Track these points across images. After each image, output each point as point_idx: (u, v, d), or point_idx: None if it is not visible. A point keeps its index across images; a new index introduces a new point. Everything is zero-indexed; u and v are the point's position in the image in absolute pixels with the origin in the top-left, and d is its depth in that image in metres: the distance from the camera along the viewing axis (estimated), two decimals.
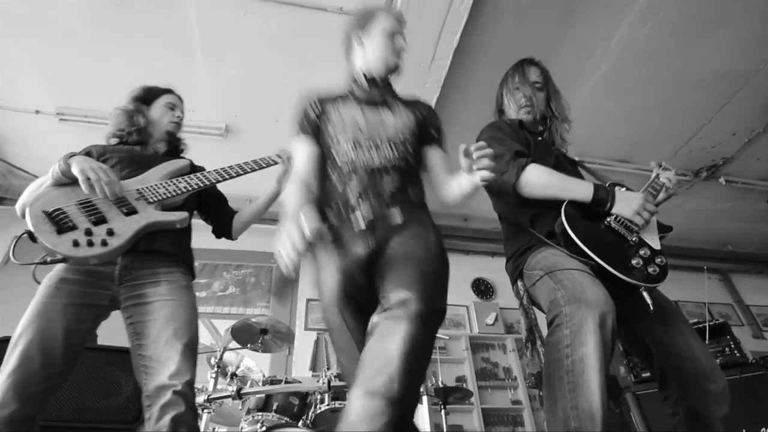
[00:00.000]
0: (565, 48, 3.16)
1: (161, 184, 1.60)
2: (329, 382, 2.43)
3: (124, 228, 1.39)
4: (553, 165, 1.54)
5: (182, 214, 1.57)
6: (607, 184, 1.50)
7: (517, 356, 4.57)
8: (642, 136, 4.05)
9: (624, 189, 1.51)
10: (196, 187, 1.65)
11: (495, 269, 5.17)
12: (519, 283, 1.51)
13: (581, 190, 1.43)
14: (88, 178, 1.40)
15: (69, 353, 1.29)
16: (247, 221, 1.90)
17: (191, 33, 2.96)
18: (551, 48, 3.16)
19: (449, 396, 2.83)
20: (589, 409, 1.07)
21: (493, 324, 4.79)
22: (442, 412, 2.72)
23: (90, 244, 1.30)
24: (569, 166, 1.67)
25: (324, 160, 1.39)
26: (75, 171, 1.40)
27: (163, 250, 1.51)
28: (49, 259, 1.30)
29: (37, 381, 1.22)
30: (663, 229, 1.50)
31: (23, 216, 1.34)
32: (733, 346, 2.49)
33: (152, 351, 1.33)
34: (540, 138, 1.72)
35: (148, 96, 1.91)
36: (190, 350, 1.36)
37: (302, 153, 1.40)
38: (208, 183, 1.69)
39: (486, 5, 2.77)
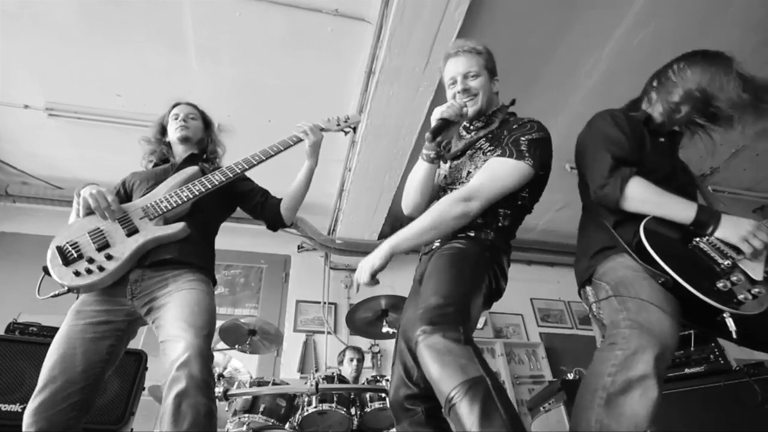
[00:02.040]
0: (557, 56, 3.20)
1: (165, 197, 1.64)
2: (317, 384, 2.42)
3: (122, 250, 1.49)
4: (667, 173, 1.45)
5: (178, 226, 1.58)
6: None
7: (506, 360, 4.58)
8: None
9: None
10: (198, 193, 1.66)
11: None
12: (588, 289, 1.44)
13: (682, 209, 1.31)
14: (89, 205, 1.53)
15: (88, 370, 1.37)
16: (293, 205, 1.88)
17: (185, 31, 2.95)
18: (544, 56, 3.19)
19: None
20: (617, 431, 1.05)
21: (482, 328, 4.81)
22: None
23: (89, 272, 1.42)
24: (684, 179, 1.56)
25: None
26: (81, 200, 1.55)
27: (167, 259, 1.54)
28: (58, 292, 1.42)
29: (59, 399, 1.30)
30: None
31: None
32: (717, 353, 2.51)
33: (165, 335, 1.38)
34: (662, 139, 1.57)
35: (163, 125, 1.99)
36: (195, 325, 1.37)
37: None
38: (210, 186, 1.69)
39: (481, 12, 2.79)
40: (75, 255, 1.44)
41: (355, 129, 2.07)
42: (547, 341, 4.99)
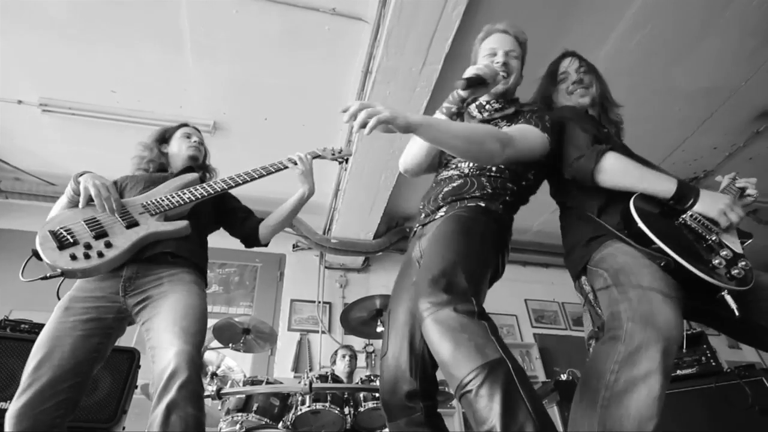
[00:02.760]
0: (554, 58, 3.20)
1: (166, 196, 1.65)
2: (311, 383, 2.42)
3: (123, 240, 1.47)
4: (626, 154, 1.42)
5: (182, 223, 1.59)
6: None
7: None
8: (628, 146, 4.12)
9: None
10: (200, 196, 1.68)
11: None
12: (583, 279, 1.37)
13: (662, 183, 1.30)
14: (90, 195, 1.50)
15: (77, 368, 1.34)
16: (274, 225, 1.93)
17: (182, 29, 2.93)
18: (542, 57, 3.18)
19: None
20: None
21: None
22: None
23: (87, 256, 1.38)
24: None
25: None
26: (81, 188, 1.51)
27: (165, 252, 1.55)
28: (48, 274, 1.35)
29: (45, 397, 1.27)
30: (743, 236, 1.35)
31: None
32: (709, 355, 2.53)
33: (155, 341, 1.36)
34: (605, 129, 1.61)
35: (164, 135, 2.00)
36: (188, 332, 1.36)
37: None
38: (212, 192, 1.72)
39: (478, 13, 2.79)
40: (70, 240, 1.39)
41: (347, 160, 2.24)
42: (540, 342, 5.00)
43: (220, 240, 1.95)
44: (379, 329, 2.99)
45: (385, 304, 2.99)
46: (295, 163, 1.92)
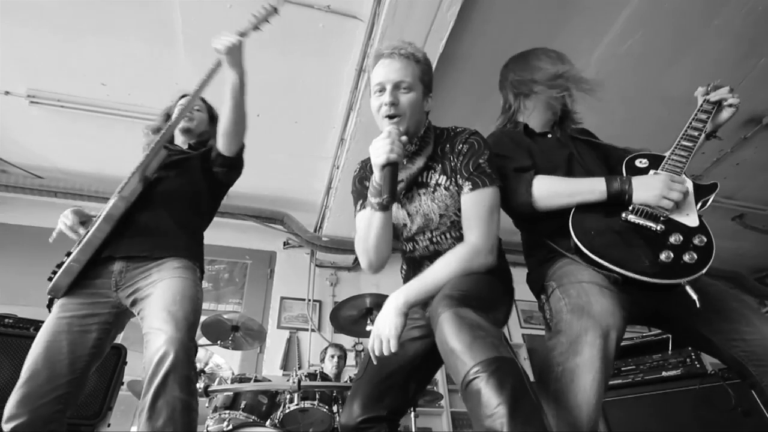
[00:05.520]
0: None
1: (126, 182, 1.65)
2: (299, 381, 2.41)
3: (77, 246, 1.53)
4: (566, 163, 1.44)
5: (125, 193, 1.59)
6: (628, 157, 1.38)
7: None
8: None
9: (646, 161, 1.36)
10: (140, 163, 1.65)
11: None
12: (542, 297, 1.41)
13: (593, 189, 1.29)
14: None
15: (75, 363, 1.37)
16: (226, 129, 1.71)
17: (173, 22, 2.90)
18: None
19: (419, 399, 2.84)
20: (572, 421, 1.04)
21: None
22: (412, 414, 2.73)
23: (54, 273, 1.47)
24: (588, 157, 1.51)
25: None
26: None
27: (142, 255, 1.54)
28: (49, 298, 1.49)
29: (43, 392, 1.29)
30: (706, 191, 1.30)
31: None
32: (693, 357, 2.56)
33: (147, 327, 1.38)
34: (549, 135, 1.57)
35: (168, 112, 2.01)
36: (177, 317, 1.36)
37: None
38: (150, 152, 1.69)
39: (473, 14, 2.80)
40: (55, 269, 1.47)
41: (276, 10, 1.76)
42: (529, 342, 5.04)
43: (210, 236, 1.92)
44: (369, 328, 2.99)
45: (375, 302, 2.99)
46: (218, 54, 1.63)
